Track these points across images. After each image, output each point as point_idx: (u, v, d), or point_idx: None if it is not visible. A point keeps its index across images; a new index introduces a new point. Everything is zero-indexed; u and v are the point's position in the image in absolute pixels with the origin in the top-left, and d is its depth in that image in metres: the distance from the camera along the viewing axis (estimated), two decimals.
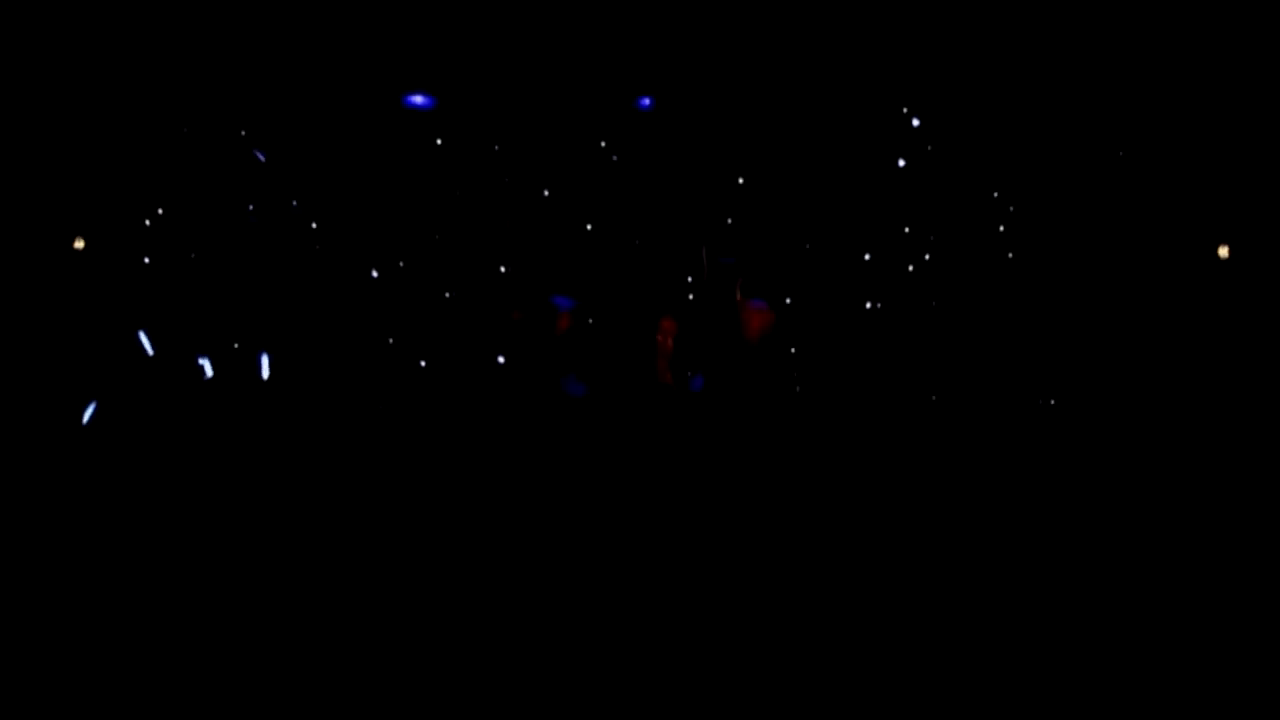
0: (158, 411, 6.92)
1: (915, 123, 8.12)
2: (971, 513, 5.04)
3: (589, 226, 8.04)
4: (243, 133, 7.94)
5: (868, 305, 8.24)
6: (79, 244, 7.81)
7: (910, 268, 8.25)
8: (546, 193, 8.19)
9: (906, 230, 8.25)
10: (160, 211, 7.97)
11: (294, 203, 8.06)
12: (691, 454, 5.54)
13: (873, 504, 5.21)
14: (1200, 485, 5.15)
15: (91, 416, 5.74)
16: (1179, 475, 5.35)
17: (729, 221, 8.05)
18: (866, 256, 8.27)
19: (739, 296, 6.28)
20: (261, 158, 7.93)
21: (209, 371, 7.20)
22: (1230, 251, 7.72)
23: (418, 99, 8.05)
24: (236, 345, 7.47)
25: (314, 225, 8.11)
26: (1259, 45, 7.32)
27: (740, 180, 8.27)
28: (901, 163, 8.18)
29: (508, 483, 5.64)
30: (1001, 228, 8.22)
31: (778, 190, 8.24)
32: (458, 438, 6.71)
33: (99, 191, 7.84)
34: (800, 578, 4.31)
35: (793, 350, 7.82)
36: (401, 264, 8.14)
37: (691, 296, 6.90)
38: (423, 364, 7.81)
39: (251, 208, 8.04)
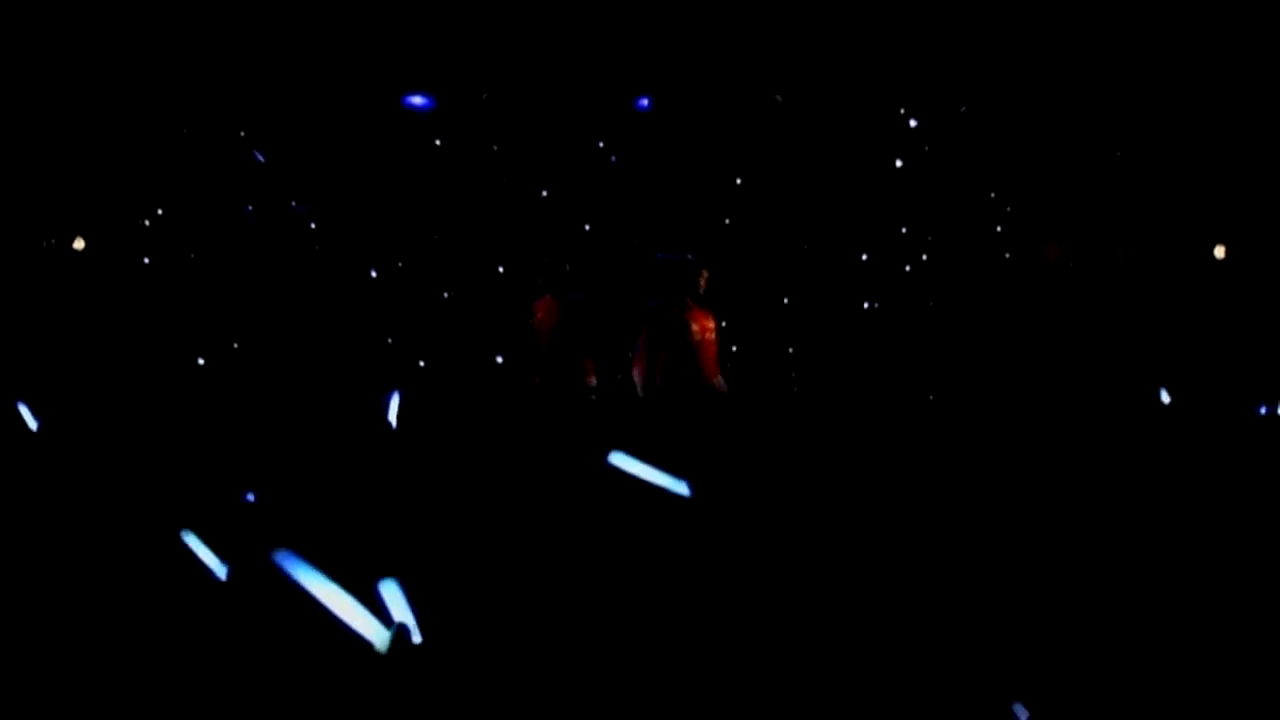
0: (157, 409, 6.94)
1: (913, 124, 8.14)
2: (970, 510, 5.06)
3: (587, 226, 8.06)
4: (242, 133, 7.96)
5: (865, 305, 8.26)
6: (79, 244, 7.83)
7: (907, 268, 8.27)
8: (545, 193, 8.21)
9: (904, 230, 8.27)
10: (160, 211, 7.99)
11: (293, 203, 8.09)
12: (692, 452, 5.55)
13: (871, 500, 5.22)
14: (1196, 482, 5.16)
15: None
16: (1174, 471, 5.37)
17: (727, 221, 8.07)
18: (864, 257, 8.29)
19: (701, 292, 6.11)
20: (261, 158, 7.95)
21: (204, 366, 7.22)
22: (1227, 251, 7.74)
23: (417, 100, 8.07)
24: (236, 345, 7.49)
25: (313, 225, 8.13)
26: (1258, 46, 7.34)
27: (738, 180, 8.29)
28: (899, 163, 8.20)
29: (508, 481, 5.66)
30: (999, 228, 8.24)
31: (776, 190, 8.26)
32: (457, 436, 6.73)
33: (99, 191, 7.86)
34: (799, 574, 4.33)
35: (790, 350, 7.84)
36: (401, 264, 8.16)
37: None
38: (422, 364, 7.83)
39: (251, 208, 8.06)
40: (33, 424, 5.48)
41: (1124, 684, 3.33)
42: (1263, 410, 5.85)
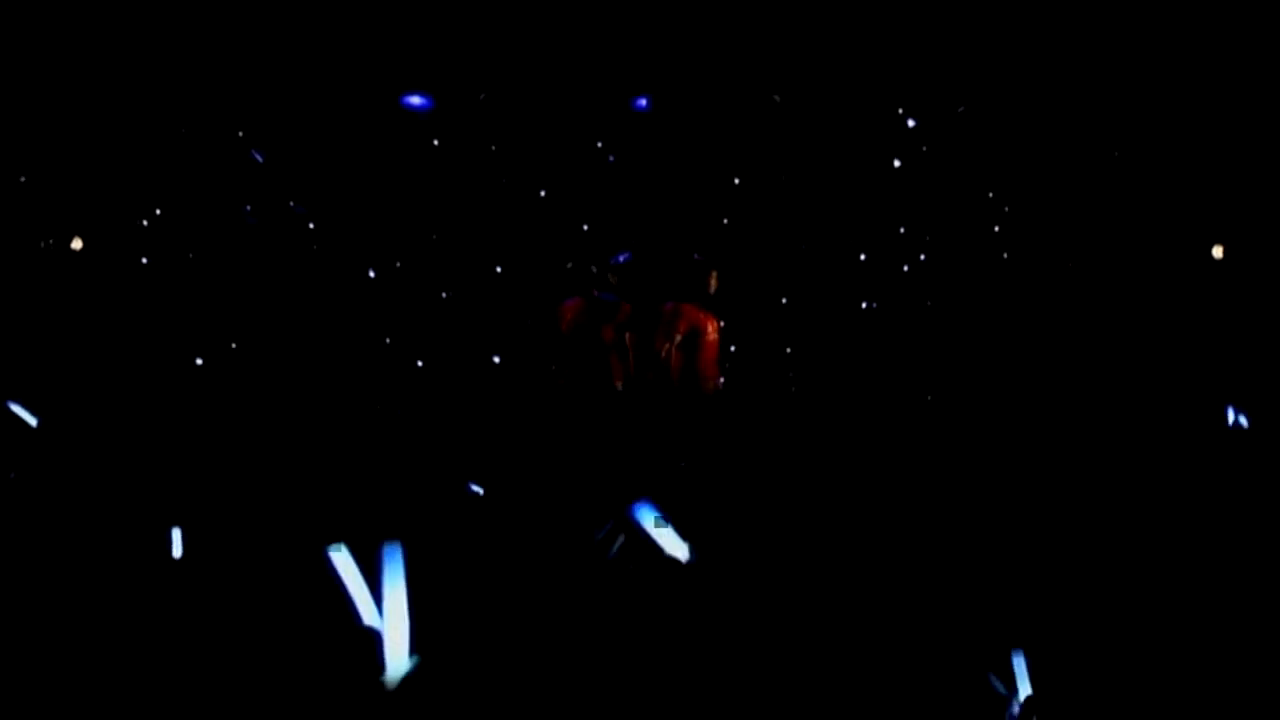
0: (154, 409, 6.94)
1: (911, 124, 8.15)
2: (966, 511, 5.06)
3: (585, 227, 8.07)
4: (241, 133, 7.96)
5: (863, 305, 8.27)
6: (77, 244, 7.83)
7: (905, 267, 8.28)
8: (543, 193, 8.22)
9: (902, 230, 8.29)
10: (158, 211, 7.99)
11: (291, 203, 8.09)
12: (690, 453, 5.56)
13: (867, 502, 5.22)
14: (1195, 484, 5.17)
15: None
16: (1173, 473, 5.37)
17: (725, 221, 8.08)
18: (862, 256, 8.30)
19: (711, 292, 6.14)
20: (259, 158, 7.96)
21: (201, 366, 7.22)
22: (1224, 252, 7.76)
23: (415, 100, 8.07)
24: (234, 344, 7.49)
25: (311, 225, 8.14)
26: (1253, 47, 7.35)
27: (736, 180, 8.30)
28: (897, 163, 8.21)
29: (506, 482, 5.66)
30: (996, 228, 8.25)
31: (774, 190, 8.27)
32: (455, 437, 6.73)
33: (97, 191, 7.86)
34: (795, 577, 4.33)
35: (789, 350, 7.85)
36: (399, 264, 8.17)
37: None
38: (420, 363, 7.84)
39: (249, 208, 8.06)
40: (32, 421, 5.48)
41: (1120, 685, 3.34)
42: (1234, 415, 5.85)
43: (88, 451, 6.02)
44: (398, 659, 2.79)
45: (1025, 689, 2.94)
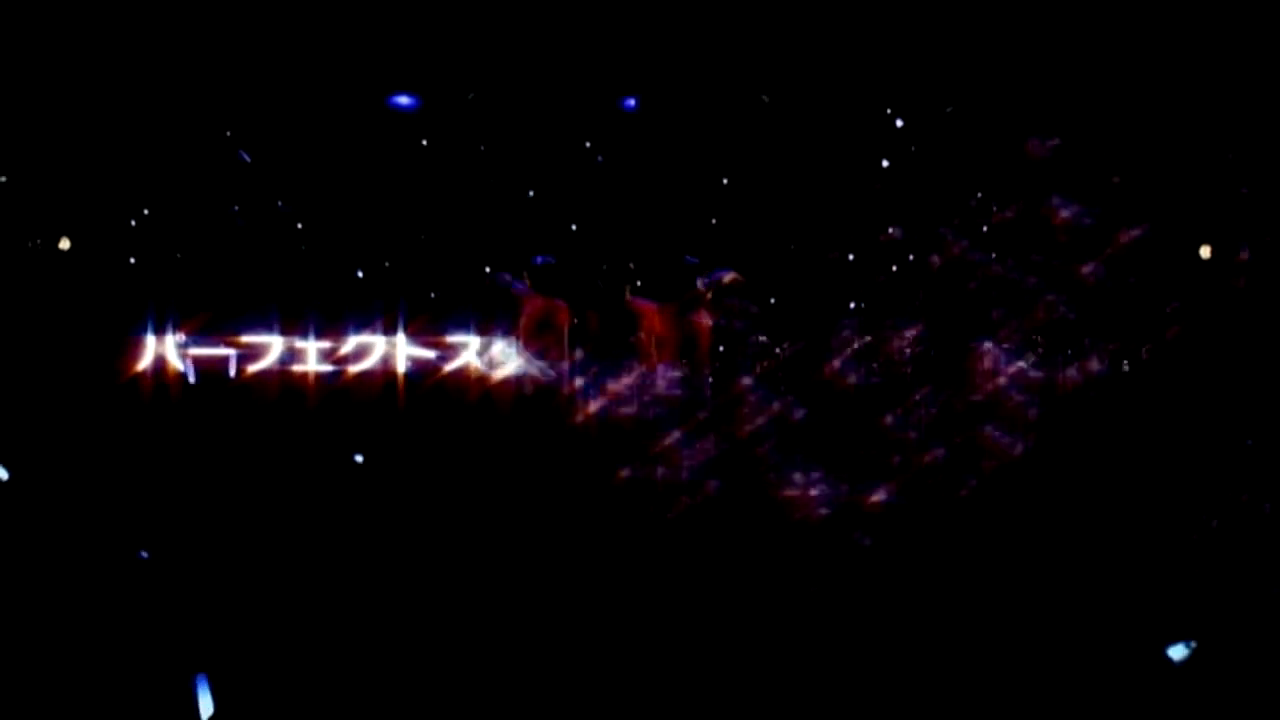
0: (145, 408, 6.91)
1: (899, 124, 8.15)
2: (965, 514, 5.08)
3: (574, 227, 8.06)
4: (228, 133, 7.92)
5: (852, 305, 8.27)
6: (64, 244, 7.78)
7: (895, 267, 8.28)
8: (532, 193, 8.20)
9: (891, 230, 8.28)
10: (146, 212, 7.94)
11: (280, 203, 8.05)
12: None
13: (863, 505, 5.24)
14: (1199, 491, 5.19)
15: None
16: (1175, 478, 5.39)
17: (714, 222, 8.07)
18: (850, 257, 8.29)
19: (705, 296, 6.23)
20: (247, 158, 7.92)
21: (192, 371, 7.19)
22: (1213, 252, 7.77)
23: (403, 100, 8.05)
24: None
25: (299, 225, 8.10)
26: (1245, 48, 7.38)
27: (725, 181, 8.29)
28: (885, 163, 8.21)
29: (501, 483, 5.65)
30: (985, 228, 8.25)
31: (763, 191, 8.26)
32: (451, 437, 6.73)
33: (85, 191, 7.81)
34: (792, 578, 4.34)
35: (779, 350, 7.85)
36: (388, 264, 8.14)
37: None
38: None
39: (237, 208, 8.02)
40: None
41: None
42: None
43: (77, 451, 5.98)
44: None
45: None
